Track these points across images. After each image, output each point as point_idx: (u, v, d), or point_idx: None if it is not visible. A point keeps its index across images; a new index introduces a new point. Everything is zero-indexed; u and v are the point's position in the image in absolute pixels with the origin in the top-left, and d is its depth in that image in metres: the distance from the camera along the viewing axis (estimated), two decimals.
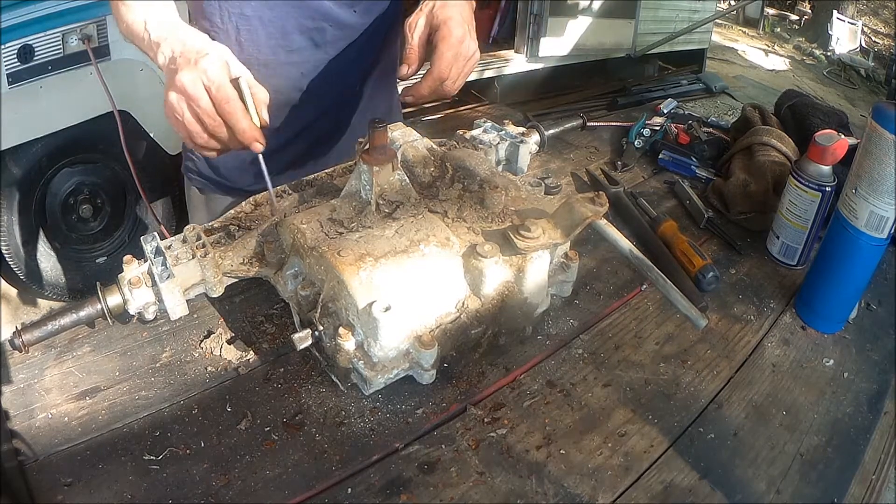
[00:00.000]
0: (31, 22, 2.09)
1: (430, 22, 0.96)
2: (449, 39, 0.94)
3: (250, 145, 0.82)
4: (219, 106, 0.79)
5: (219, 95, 0.78)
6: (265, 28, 1.07)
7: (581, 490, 0.73)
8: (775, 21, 10.79)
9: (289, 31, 1.08)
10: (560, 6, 3.79)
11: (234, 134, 0.81)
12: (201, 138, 0.81)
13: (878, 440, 0.85)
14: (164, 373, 0.85)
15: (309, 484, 0.72)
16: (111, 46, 2.25)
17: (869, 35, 10.36)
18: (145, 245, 0.85)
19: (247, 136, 0.81)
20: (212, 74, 0.78)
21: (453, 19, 0.95)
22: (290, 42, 1.09)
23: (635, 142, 1.48)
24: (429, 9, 0.97)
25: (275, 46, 1.09)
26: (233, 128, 0.80)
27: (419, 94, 0.96)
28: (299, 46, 1.10)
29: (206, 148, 0.83)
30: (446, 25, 0.94)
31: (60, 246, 2.50)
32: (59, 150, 2.33)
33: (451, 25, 0.94)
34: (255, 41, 1.08)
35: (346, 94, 1.23)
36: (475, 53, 0.97)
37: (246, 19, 1.06)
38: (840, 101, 7.22)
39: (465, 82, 0.99)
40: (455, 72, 0.95)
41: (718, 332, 0.98)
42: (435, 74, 0.94)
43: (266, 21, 1.06)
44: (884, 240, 0.91)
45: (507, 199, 0.90)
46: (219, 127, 0.80)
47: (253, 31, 1.07)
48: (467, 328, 0.82)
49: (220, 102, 0.78)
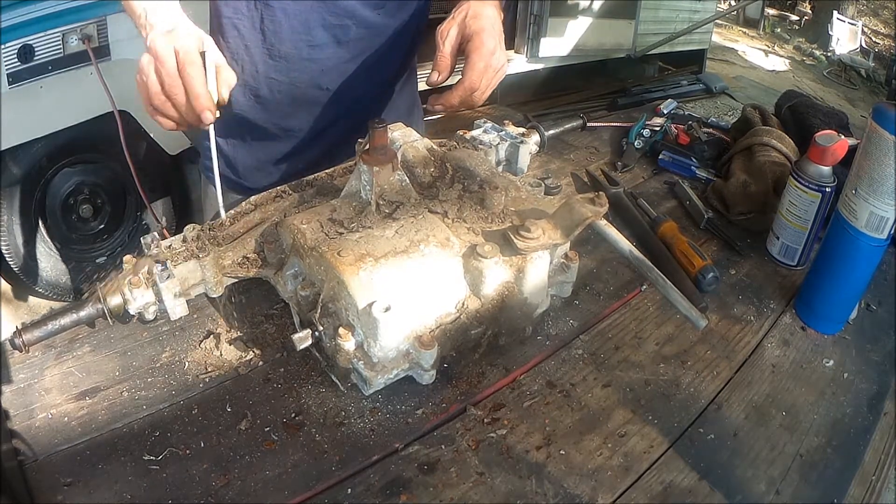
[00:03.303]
0: (31, 22, 2.09)
1: (463, 31, 0.98)
2: (481, 50, 0.95)
3: (201, 114, 0.84)
4: (181, 68, 0.81)
5: (184, 59, 0.81)
6: (288, 20, 1.07)
7: (581, 490, 0.73)
8: (775, 21, 10.79)
9: (312, 26, 1.08)
10: (560, 6, 3.79)
11: (189, 99, 0.83)
12: (158, 99, 0.83)
13: (878, 441, 0.85)
14: (164, 373, 0.85)
15: (309, 484, 0.72)
16: (111, 46, 2.25)
17: (869, 35, 10.36)
18: (145, 245, 0.85)
19: (199, 102, 0.83)
20: (182, 40, 0.82)
21: (486, 31, 0.96)
22: (313, 37, 1.09)
23: (635, 142, 1.48)
24: (461, 18, 0.98)
25: (297, 40, 1.09)
26: (189, 92, 0.82)
27: (449, 104, 0.98)
28: (321, 42, 1.10)
29: (162, 112, 0.85)
30: (479, 36, 0.96)
31: (60, 246, 2.50)
32: (60, 150, 2.33)
33: (483, 37, 0.96)
34: (277, 32, 1.08)
35: (367, 96, 1.22)
36: (504, 65, 0.98)
37: (270, 9, 1.06)
38: (840, 102, 7.22)
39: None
40: (485, 83, 0.97)
41: (718, 333, 0.98)
42: (466, 84, 0.96)
43: (290, 13, 1.06)
44: (884, 240, 0.91)
45: (507, 199, 0.90)
46: (177, 88, 0.82)
47: (276, 21, 1.07)
48: (467, 328, 0.82)
49: (183, 65, 0.81)
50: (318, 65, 1.12)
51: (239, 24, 1.08)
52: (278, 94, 1.14)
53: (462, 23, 0.98)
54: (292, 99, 1.16)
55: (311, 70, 1.13)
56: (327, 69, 1.13)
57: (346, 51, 1.12)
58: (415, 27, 1.19)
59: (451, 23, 0.99)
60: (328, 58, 1.12)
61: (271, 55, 1.10)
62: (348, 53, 1.13)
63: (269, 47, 1.09)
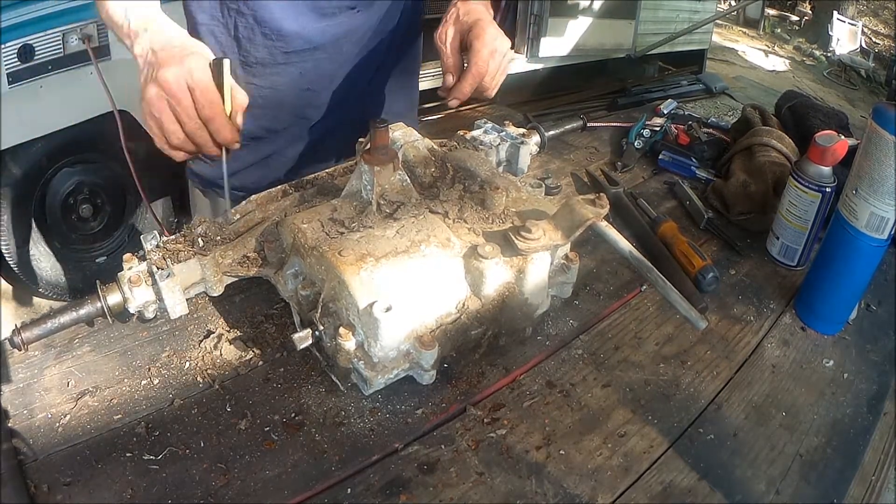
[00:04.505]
0: (31, 21, 2.09)
1: (460, 29, 0.98)
2: (483, 37, 0.96)
3: (229, 146, 0.82)
4: (200, 108, 0.77)
5: (202, 98, 0.77)
6: (261, 27, 1.06)
7: (581, 490, 0.73)
8: (775, 22, 10.79)
9: (285, 33, 1.07)
10: (560, 6, 3.78)
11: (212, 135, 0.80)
12: (176, 139, 0.79)
13: (877, 441, 0.85)
14: (164, 372, 0.85)
15: (308, 484, 0.72)
16: (111, 46, 2.25)
17: (869, 36, 10.36)
18: (145, 243, 0.85)
19: (224, 138, 0.80)
20: (197, 75, 0.77)
21: (483, 20, 0.97)
22: (287, 43, 1.08)
23: (635, 142, 1.48)
24: (454, 18, 0.99)
25: (271, 47, 1.08)
26: (211, 130, 0.79)
27: (462, 94, 0.98)
28: (296, 48, 1.09)
29: (179, 149, 0.81)
30: (478, 25, 0.96)
31: (60, 245, 2.50)
32: (59, 150, 2.33)
33: (482, 25, 0.96)
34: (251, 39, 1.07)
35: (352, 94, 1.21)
36: (509, 48, 0.98)
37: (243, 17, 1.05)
38: (840, 102, 7.22)
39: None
40: (493, 67, 0.97)
41: (718, 333, 0.98)
42: (474, 71, 0.96)
43: (261, 20, 1.06)
44: (884, 241, 0.91)
45: (508, 200, 0.90)
46: (199, 130, 0.79)
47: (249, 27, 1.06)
48: (467, 329, 0.82)
49: (203, 106, 0.77)
50: (296, 68, 1.11)
51: (216, 30, 1.07)
52: (261, 99, 1.13)
53: (457, 21, 0.98)
54: (275, 102, 1.15)
55: (289, 74, 1.12)
56: (306, 71, 1.12)
57: (323, 52, 1.11)
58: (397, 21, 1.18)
59: (445, 25, 1.00)
60: (304, 61, 1.11)
61: (247, 62, 1.09)
62: (325, 54, 1.12)
63: (244, 54, 1.08)
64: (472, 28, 0.97)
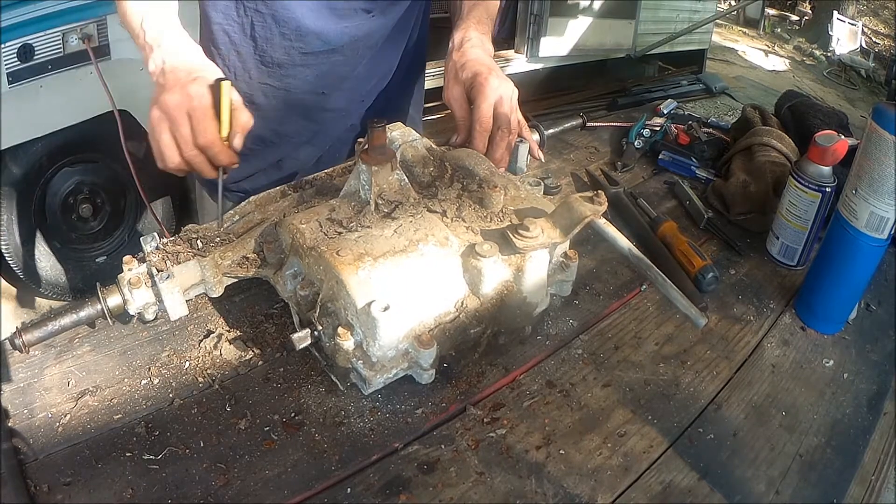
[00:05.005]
0: (31, 21, 2.09)
1: (463, 86, 1.00)
2: (484, 91, 0.97)
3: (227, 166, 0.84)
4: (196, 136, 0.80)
5: (198, 126, 0.79)
6: (279, 27, 1.06)
7: (580, 490, 0.73)
8: (775, 22, 10.79)
9: (304, 33, 1.07)
10: (560, 6, 3.78)
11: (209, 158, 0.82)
12: (172, 162, 0.82)
13: (877, 441, 0.85)
14: (164, 372, 0.85)
15: (308, 484, 0.72)
16: (111, 46, 2.25)
17: (869, 36, 10.36)
18: (145, 245, 0.85)
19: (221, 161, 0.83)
20: (196, 102, 0.79)
21: (480, 73, 0.98)
22: (306, 43, 1.08)
23: (635, 142, 1.48)
24: (453, 75, 1.01)
25: (289, 47, 1.08)
26: (210, 158, 0.82)
27: (477, 149, 0.99)
28: (315, 49, 1.09)
29: (177, 169, 0.84)
30: (477, 81, 0.98)
31: (60, 245, 2.50)
32: (59, 150, 2.33)
33: (480, 80, 0.97)
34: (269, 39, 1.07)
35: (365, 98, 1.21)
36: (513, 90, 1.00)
37: (261, 16, 1.05)
38: (840, 102, 7.22)
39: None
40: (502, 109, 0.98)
41: (718, 333, 0.98)
42: (479, 128, 0.98)
43: (281, 19, 1.05)
44: (884, 241, 0.91)
45: (506, 198, 0.90)
46: (196, 156, 0.81)
47: (267, 27, 1.06)
48: (466, 328, 0.82)
49: (198, 134, 0.80)
50: (311, 70, 1.11)
51: (230, 29, 1.07)
52: (273, 100, 1.13)
53: (457, 79, 1.00)
54: (287, 104, 1.14)
55: (305, 76, 1.11)
56: (322, 74, 1.12)
57: (340, 55, 1.11)
58: (411, 27, 1.19)
59: (450, 86, 1.01)
60: (321, 63, 1.11)
61: (263, 62, 1.09)
62: (342, 57, 1.11)
63: (261, 54, 1.08)
64: (472, 85, 0.98)
